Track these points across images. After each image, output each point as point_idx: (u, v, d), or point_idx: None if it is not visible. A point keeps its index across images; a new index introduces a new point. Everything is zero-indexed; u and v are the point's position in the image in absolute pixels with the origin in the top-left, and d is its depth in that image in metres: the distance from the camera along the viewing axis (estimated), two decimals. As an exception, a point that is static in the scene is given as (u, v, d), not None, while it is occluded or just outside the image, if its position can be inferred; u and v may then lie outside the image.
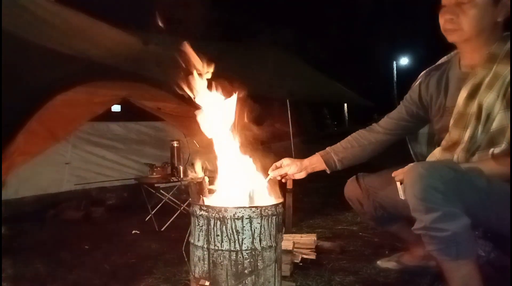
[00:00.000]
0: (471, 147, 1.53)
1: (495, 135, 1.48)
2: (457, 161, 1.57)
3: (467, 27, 1.54)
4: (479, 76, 1.53)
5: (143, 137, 4.87)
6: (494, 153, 1.47)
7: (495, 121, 1.47)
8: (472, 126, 1.52)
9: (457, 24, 1.55)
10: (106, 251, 2.74)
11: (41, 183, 4.14)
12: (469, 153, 1.54)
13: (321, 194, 4.66)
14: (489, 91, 1.49)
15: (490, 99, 1.48)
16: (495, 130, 1.47)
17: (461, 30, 1.55)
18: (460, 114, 1.57)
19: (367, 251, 2.51)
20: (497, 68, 1.49)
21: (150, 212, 3.53)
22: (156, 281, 2.15)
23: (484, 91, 1.50)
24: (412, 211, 1.42)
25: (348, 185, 2.10)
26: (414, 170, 1.43)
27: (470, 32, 1.54)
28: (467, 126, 1.54)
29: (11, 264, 2.48)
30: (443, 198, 1.35)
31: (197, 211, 1.60)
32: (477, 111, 1.51)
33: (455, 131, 1.59)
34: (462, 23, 1.54)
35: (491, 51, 1.53)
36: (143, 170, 4.27)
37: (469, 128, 1.53)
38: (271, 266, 1.58)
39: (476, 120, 1.51)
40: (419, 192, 1.37)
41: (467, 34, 1.55)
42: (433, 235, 1.38)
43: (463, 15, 1.53)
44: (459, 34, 1.57)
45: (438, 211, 1.35)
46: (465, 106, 1.55)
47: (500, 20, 1.53)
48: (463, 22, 1.54)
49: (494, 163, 1.47)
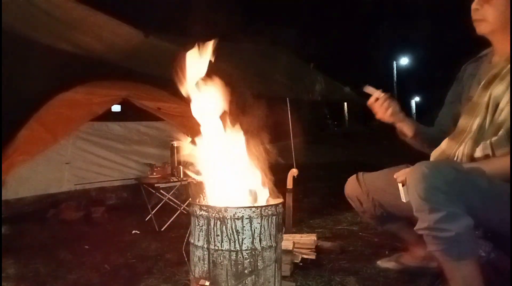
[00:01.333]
0: (479, 137, 1.54)
1: (499, 127, 1.49)
2: (462, 151, 1.57)
3: (491, 18, 1.55)
4: (498, 67, 1.55)
5: (143, 137, 4.87)
6: (492, 141, 1.48)
7: (502, 114, 1.48)
8: (481, 116, 1.54)
9: (481, 15, 1.57)
10: (106, 251, 2.74)
11: (41, 183, 4.13)
12: (477, 143, 1.54)
13: (321, 194, 4.66)
14: (500, 82, 1.51)
15: (499, 89, 1.50)
16: (501, 122, 1.48)
17: (485, 21, 1.57)
18: (473, 103, 1.59)
19: (367, 251, 2.51)
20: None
21: (150, 212, 3.53)
22: (156, 281, 2.15)
23: (496, 82, 1.52)
24: (415, 211, 1.42)
25: (348, 184, 2.10)
26: (417, 170, 1.42)
27: (494, 23, 1.55)
28: (476, 115, 1.56)
29: (11, 264, 2.49)
30: (446, 198, 1.35)
31: (197, 211, 1.60)
32: (487, 101, 1.53)
33: (464, 119, 1.60)
34: (486, 14, 1.55)
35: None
36: (143, 170, 4.28)
37: (478, 117, 1.55)
38: (271, 266, 1.58)
39: (485, 109, 1.53)
40: (423, 192, 1.37)
41: (491, 25, 1.56)
42: (436, 236, 1.38)
43: (487, 5, 1.55)
44: (484, 25, 1.58)
45: (442, 211, 1.34)
46: (479, 96, 1.57)
47: None
48: (487, 13, 1.55)
49: (495, 162, 1.47)
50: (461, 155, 1.57)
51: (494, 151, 1.48)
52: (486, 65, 1.68)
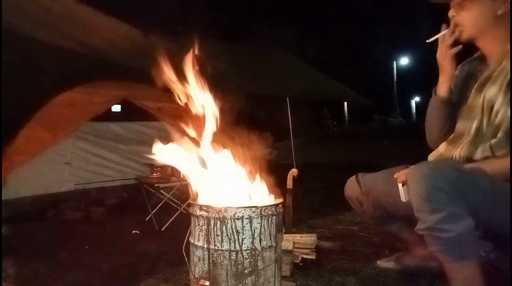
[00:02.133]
0: (477, 140, 1.54)
1: (497, 129, 1.49)
2: (459, 154, 1.56)
3: (468, 23, 1.56)
4: (489, 70, 1.55)
5: (143, 137, 4.87)
6: (491, 144, 1.48)
7: (499, 115, 1.48)
8: (478, 119, 1.54)
9: (459, 21, 1.58)
10: (106, 251, 2.74)
11: (41, 183, 4.14)
12: (475, 146, 1.54)
13: (321, 194, 4.66)
14: (492, 84, 1.51)
15: (491, 91, 1.50)
16: (498, 124, 1.48)
17: (463, 26, 1.57)
18: (468, 106, 1.59)
19: (367, 251, 2.51)
20: (505, 63, 1.50)
21: (150, 212, 3.53)
22: (156, 281, 2.15)
23: (489, 85, 1.52)
24: (416, 212, 1.41)
25: (348, 184, 2.09)
26: (419, 170, 1.42)
27: (472, 27, 1.56)
28: (473, 118, 1.56)
29: (11, 264, 2.49)
30: (447, 199, 1.34)
31: (197, 211, 1.60)
32: (481, 104, 1.53)
33: (461, 122, 1.60)
34: (464, 20, 1.56)
35: (506, 46, 1.54)
36: (143, 170, 4.28)
37: (475, 120, 1.55)
38: (271, 266, 1.58)
39: (481, 112, 1.53)
40: (424, 192, 1.36)
41: (469, 30, 1.57)
42: (437, 236, 1.37)
43: (462, 12, 1.56)
44: (464, 31, 1.58)
45: (443, 211, 1.34)
46: (473, 98, 1.57)
47: (501, 13, 1.52)
48: (464, 19, 1.56)
49: (495, 162, 1.47)
50: (459, 158, 1.57)
51: (494, 153, 1.48)
52: (476, 66, 1.69)
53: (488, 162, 1.49)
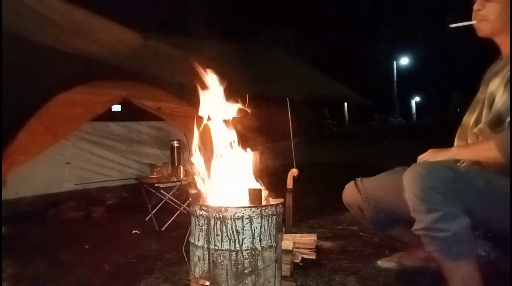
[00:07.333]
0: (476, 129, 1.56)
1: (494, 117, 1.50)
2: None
3: (492, 17, 1.56)
4: (497, 66, 1.57)
5: (143, 137, 4.87)
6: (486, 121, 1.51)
7: (498, 105, 1.49)
8: (478, 110, 1.57)
9: (483, 15, 1.58)
10: (106, 251, 2.74)
11: (41, 183, 4.14)
12: (477, 137, 1.56)
13: (321, 194, 4.66)
14: (496, 77, 1.53)
15: (494, 84, 1.52)
16: (495, 113, 1.49)
17: (487, 20, 1.58)
18: (475, 100, 1.62)
19: (367, 251, 2.51)
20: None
21: (150, 212, 3.53)
22: (156, 281, 2.15)
23: (494, 79, 1.54)
24: (412, 212, 1.42)
25: (346, 191, 2.03)
26: (414, 170, 1.43)
27: (496, 22, 1.56)
28: (475, 110, 1.59)
29: (11, 264, 2.48)
30: (443, 198, 1.35)
31: (197, 211, 1.60)
32: (484, 97, 1.55)
33: (466, 115, 1.64)
34: (488, 13, 1.57)
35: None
36: (143, 170, 4.28)
37: (476, 112, 1.57)
38: (271, 266, 1.59)
39: (481, 104, 1.56)
40: (419, 192, 1.37)
41: (492, 24, 1.57)
42: (434, 236, 1.38)
43: (488, 4, 1.56)
44: (485, 25, 1.59)
45: (439, 211, 1.34)
46: (480, 92, 1.60)
47: None
48: (489, 12, 1.57)
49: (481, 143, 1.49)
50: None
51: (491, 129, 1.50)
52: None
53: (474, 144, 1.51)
